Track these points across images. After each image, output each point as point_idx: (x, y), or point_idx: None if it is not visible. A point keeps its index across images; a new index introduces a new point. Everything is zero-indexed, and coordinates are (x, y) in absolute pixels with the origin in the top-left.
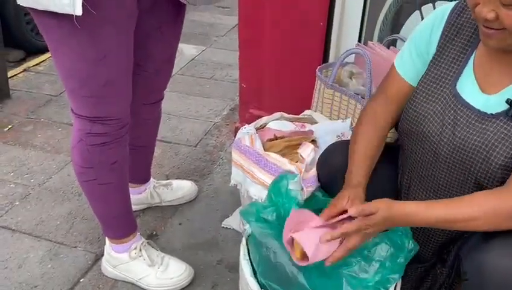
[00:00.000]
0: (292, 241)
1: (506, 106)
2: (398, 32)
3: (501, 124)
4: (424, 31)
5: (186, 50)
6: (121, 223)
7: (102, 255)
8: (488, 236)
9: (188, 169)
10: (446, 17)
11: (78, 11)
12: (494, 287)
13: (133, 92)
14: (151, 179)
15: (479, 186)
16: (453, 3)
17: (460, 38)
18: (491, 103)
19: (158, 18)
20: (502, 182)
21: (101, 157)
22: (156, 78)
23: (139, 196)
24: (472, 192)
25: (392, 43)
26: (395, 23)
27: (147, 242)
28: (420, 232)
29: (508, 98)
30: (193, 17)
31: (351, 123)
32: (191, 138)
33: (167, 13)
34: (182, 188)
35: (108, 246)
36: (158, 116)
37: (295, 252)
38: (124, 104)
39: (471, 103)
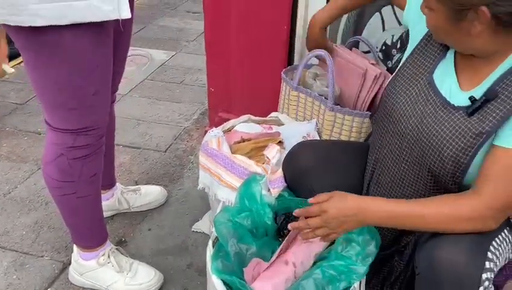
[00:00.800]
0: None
1: (469, 102)
2: (360, 34)
3: (459, 117)
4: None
5: (155, 55)
6: (93, 233)
7: (70, 263)
8: (437, 233)
9: (158, 174)
10: None
11: (127, 14)
12: (446, 282)
13: None
14: (118, 184)
15: (433, 176)
16: None
17: None
18: (458, 96)
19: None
20: (452, 174)
21: (82, 171)
22: (115, 78)
23: (106, 202)
24: (427, 181)
25: (355, 45)
26: (357, 25)
27: (116, 248)
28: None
29: (472, 96)
30: (163, 22)
31: (316, 124)
32: (160, 143)
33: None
34: (151, 193)
35: (76, 253)
36: (114, 118)
37: None
38: (105, 113)
39: (442, 92)
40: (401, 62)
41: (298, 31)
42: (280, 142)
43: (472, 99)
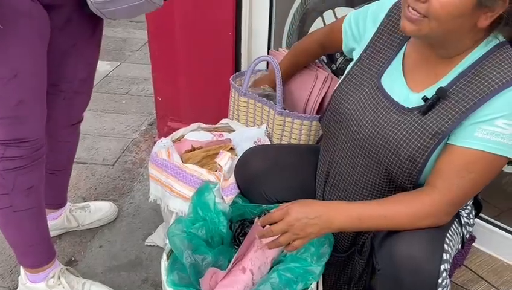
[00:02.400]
0: None
1: (422, 102)
2: None
3: (414, 117)
4: (379, 9)
5: (99, 66)
6: (39, 250)
7: (16, 288)
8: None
9: (106, 189)
10: (387, 11)
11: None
12: (407, 276)
13: (51, 114)
14: (67, 202)
15: (389, 174)
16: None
17: (393, 36)
18: (411, 99)
19: (72, 35)
20: (409, 173)
21: (16, 182)
22: (76, 99)
23: (54, 221)
24: (383, 181)
25: None
26: (301, 29)
27: (66, 269)
28: None
29: (425, 96)
30: (105, 32)
31: (266, 129)
32: (107, 156)
33: (82, 30)
34: (100, 209)
35: (23, 276)
36: (77, 138)
37: None
38: (39, 125)
39: (393, 96)
40: (348, 68)
41: (243, 36)
42: (231, 149)
43: (424, 98)
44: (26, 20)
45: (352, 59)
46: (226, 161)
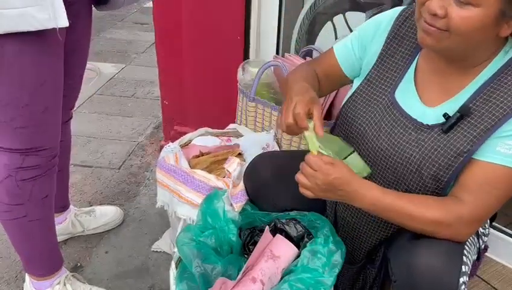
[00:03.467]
0: None
1: (442, 119)
2: (313, 43)
3: (435, 135)
4: (372, 27)
5: (104, 69)
6: (48, 259)
7: None
8: (414, 237)
9: (112, 193)
10: (392, 23)
11: (64, 22)
12: (424, 287)
13: None
14: (72, 206)
15: (410, 193)
16: (400, 9)
17: (402, 46)
18: (428, 114)
19: (78, 32)
20: (431, 192)
21: (32, 193)
22: (70, 95)
23: (59, 226)
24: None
25: (308, 54)
26: (310, 34)
27: (72, 275)
28: (354, 237)
29: (446, 113)
30: (111, 34)
31: (275, 134)
32: (113, 160)
33: (85, 26)
34: (106, 214)
35: (29, 283)
36: (70, 136)
37: None
38: (57, 131)
39: (409, 112)
40: (356, 84)
41: (252, 40)
42: (240, 154)
43: (446, 116)
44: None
45: None
46: (234, 166)
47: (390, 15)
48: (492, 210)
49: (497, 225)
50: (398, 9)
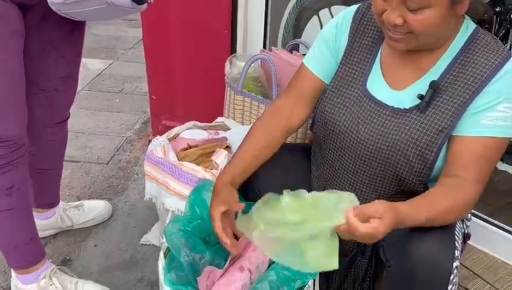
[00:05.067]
0: None
1: (417, 101)
2: (299, 37)
3: (415, 117)
4: (332, 29)
5: (91, 65)
6: (25, 251)
7: (9, 289)
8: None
9: (101, 188)
10: (351, 18)
11: None
12: (421, 272)
13: (34, 113)
14: (60, 201)
15: (398, 178)
16: (356, 6)
17: (365, 39)
18: (402, 99)
19: (48, 33)
20: (419, 173)
21: None
22: (57, 97)
23: (48, 221)
24: (392, 184)
25: (295, 48)
26: (296, 28)
27: (58, 268)
28: None
29: (419, 94)
30: (97, 31)
31: None
32: (102, 155)
33: (59, 28)
34: (95, 208)
35: (15, 278)
36: (65, 136)
37: None
38: (19, 124)
39: (384, 101)
40: (328, 83)
41: (239, 34)
42: (227, 147)
43: (420, 96)
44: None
45: None
46: (222, 158)
47: (347, 13)
48: (487, 178)
49: (480, 214)
50: (354, 7)
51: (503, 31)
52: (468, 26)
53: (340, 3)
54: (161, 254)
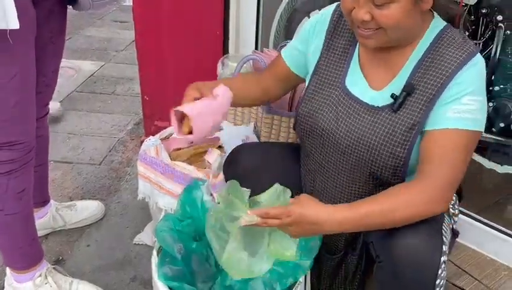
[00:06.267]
0: (181, 118)
1: (391, 100)
2: (290, 38)
3: (386, 115)
4: (309, 27)
5: (83, 66)
6: (27, 253)
7: (3, 288)
8: None
9: (93, 188)
10: (329, 17)
11: (14, 25)
12: (408, 267)
13: None
14: (52, 201)
15: (375, 177)
16: (333, 6)
17: (343, 38)
18: (378, 97)
19: (50, 29)
20: (393, 170)
21: (8, 186)
22: (46, 91)
23: (40, 221)
24: (370, 183)
25: None
26: (287, 30)
27: (53, 267)
28: None
29: (393, 93)
30: (90, 32)
31: (254, 127)
32: (94, 156)
33: (60, 22)
34: (87, 208)
35: (10, 276)
36: (47, 131)
37: (183, 127)
38: (31, 125)
39: (360, 98)
40: (307, 82)
41: (231, 35)
42: (220, 147)
43: (393, 96)
44: (25, 19)
45: None
46: (215, 158)
47: (325, 13)
48: (458, 174)
49: (468, 211)
50: (331, 7)
51: (489, 33)
52: (437, 24)
53: (329, 5)
54: (154, 252)
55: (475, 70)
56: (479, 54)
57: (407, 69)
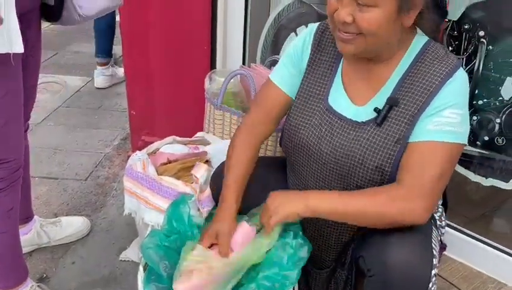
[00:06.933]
0: None
1: (374, 114)
2: (277, 54)
3: (371, 130)
4: (296, 46)
5: (70, 82)
6: (13, 270)
7: None
8: (386, 232)
9: (79, 204)
10: (313, 35)
11: (19, 48)
12: (400, 280)
13: None
14: (37, 217)
15: (360, 188)
16: (317, 24)
17: (326, 55)
18: (361, 112)
19: (31, 40)
20: (379, 184)
21: None
22: (26, 105)
23: (25, 237)
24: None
25: (273, 64)
26: (274, 45)
27: (38, 285)
28: (320, 238)
29: (376, 107)
30: (77, 48)
31: None
32: (80, 171)
33: (35, 36)
34: (73, 224)
35: None
36: (28, 147)
37: None
38: (20, 142)
39: (344, 114)
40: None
41: (219, 50)
42: (207, 161)
43: (377, 110)
44: None
45: None
46: (202, 172)
47: (309, 31)
48: (438, 185)
49: (455, 225)
50: (315, 25)
51: (472, 48)
52: (420, 40)
53: (316, 21)
54: (140, 268)
55: (458, 84)
56: (461, 68)
57: (391, 84)
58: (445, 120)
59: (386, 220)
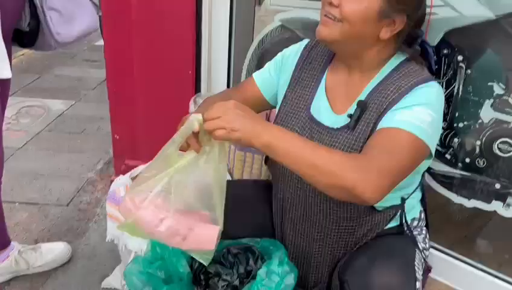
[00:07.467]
0: None
1: (348, 120)
2: None
3: (345, 135)
4: (286, 55)
5: (52, 106)
6: None
7: None
8: (370, 259)
9: (60, 231)
10: (301, 49)
11: (7, 74)
12: None
13: None
14: (15, 243)
15: None
16: (306, 40)
17: (311, 69)
18: (339, 120)
19: None
20: None
21: None
22: None
23: (1, 265)
24: (335, 202)
25: None
26: (258, 69)
27: None
28: (305, 261)
29: (349, 113)
30: (60, 71)
31: (227, 164)
32: (61, 196)
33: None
34: (53, 250)
35: None
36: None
37: None
38: None
39: (323, 122)
40: (277, 108)
41: (203, 75)
42: None
43: (349, 115)
44: None
45: None
46: None
47: (297, 46)
48: (395, 170)
49: (439, 247)
50: (305, 41)
51: (451, 72)
52: (399, 57)
53: None
54: None
55: (431, 90)
56: (436, 81)
57: (365, 92)
58: (415, 114)
59: (336, 181)
